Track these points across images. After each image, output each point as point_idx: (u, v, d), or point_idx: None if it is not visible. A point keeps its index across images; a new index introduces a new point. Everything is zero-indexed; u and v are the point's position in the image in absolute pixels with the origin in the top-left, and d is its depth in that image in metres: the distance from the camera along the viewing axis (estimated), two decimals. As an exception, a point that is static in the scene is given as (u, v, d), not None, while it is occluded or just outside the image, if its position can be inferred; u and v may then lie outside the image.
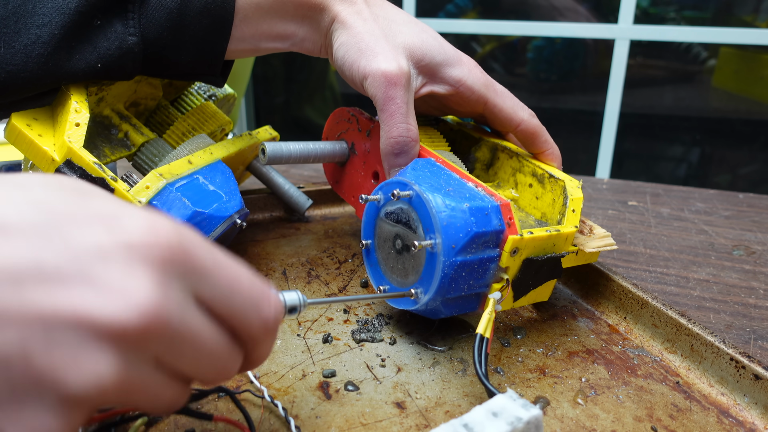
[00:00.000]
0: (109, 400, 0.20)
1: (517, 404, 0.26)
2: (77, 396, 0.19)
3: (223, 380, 0.24)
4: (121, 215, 0.20)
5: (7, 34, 0.35)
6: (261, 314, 0.24)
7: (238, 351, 0.24)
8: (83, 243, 0.19)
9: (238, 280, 0.23)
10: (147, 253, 0.20)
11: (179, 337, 0.21)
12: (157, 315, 0.19)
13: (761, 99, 1.93)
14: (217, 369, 0.23)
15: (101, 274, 0.19)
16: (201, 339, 0.22)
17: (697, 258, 0.55)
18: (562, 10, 1.94)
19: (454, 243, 0.33)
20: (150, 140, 0.46)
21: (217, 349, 0.22)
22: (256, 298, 0.24)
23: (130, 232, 0.20)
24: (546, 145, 0.44)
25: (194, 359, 0.22)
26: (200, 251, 0.22)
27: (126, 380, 0.20)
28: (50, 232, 0.19)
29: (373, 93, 0.40)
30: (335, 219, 0.59)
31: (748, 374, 0.34)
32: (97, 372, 0.19)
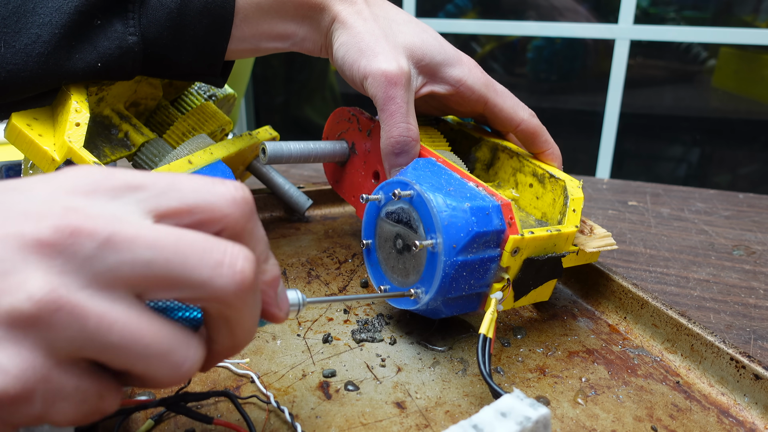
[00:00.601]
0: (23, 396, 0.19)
1: (524, 404, 0.26)
2: (12, 312, 0.18)
3: (175, 375, 0.21)
4: (11, 207, 0.20)
5: (7, 33, 0.35)
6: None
7: (183, 335, 0.21)
8: (18, 192, 0.20)
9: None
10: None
11: (80, 323, 0.19)
12: (49, 301, 0.18)
13: (761, 99, 1.93)
14: (152, 361, 0.20)
15: (22, 204, 0.20)
16: (112, 323, 0.19)
17: (697, 258, 0.55)
18: (562, 10, 1.94)
19: (455, 243, 0.33)
20: (150, 140, 0.46)
21: (145, 335, 0.20)
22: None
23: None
24: (546, 145, 0.44)
25: (110, 349, 0.19)
26: (98, 225, 0.19)
27: (35, 374, 0.19)
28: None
29: (374, 93, 0.40)
30: (335, 219, 0.59)
31: (748, 374, 0.34)
32: (26, 280, 0.18)
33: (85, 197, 0.20)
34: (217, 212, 0.22)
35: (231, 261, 0.21)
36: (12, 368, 0.18)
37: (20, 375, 0.18)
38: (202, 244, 0.21)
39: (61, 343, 0.19)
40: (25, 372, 0.18)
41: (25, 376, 0.18)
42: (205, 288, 0.20)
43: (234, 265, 0.21)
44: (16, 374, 0.18)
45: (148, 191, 0.21)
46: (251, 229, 0.23)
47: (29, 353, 0.19)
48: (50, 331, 0.19)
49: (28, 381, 0.19)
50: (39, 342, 0.19)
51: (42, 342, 0.19)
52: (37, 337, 0.19)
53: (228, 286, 0.21)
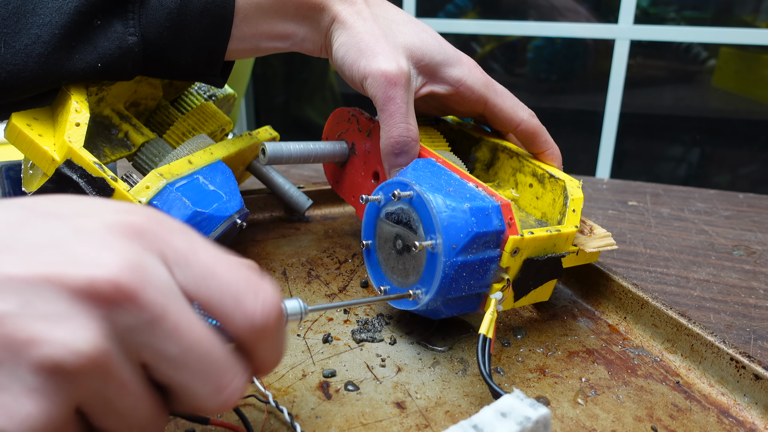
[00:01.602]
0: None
1: (525, 404, 0.26)
2: (53, 361, 0.18)
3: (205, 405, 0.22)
4: (61, 241, 0.20)
5: (7, 34, 0.35)
6: (244, 309, 0.22)
7: (164, 416, 0.22)
8: (61, 222, 0.20)
9: (215, 267, 0.21)
10: (119, 229, 0.20)
11: (104, 385, 0.19)
12: (92, 361, 0.19)
13: (761, 99, 1.93)
14: (133, 430, 0.21)
15: (74, 245, 0.19)
16: (126, 394, 0.20)
17: (697, 258, 0.55)
18: (562, 10, 1.94)
19: (454, 243, 0.33)
20: (150, 140, 0.46)
21: (141, 410, 0.21)
22: (235, 289, 0.22)
23: (105, 215, 0.20)
24: (546, 145, 0.44)
25: (110, 414, 0.20)
26: (153, 299, 0.20)
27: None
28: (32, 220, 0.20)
29: (373, 93, 0.40)
30: (335, 219, 0.59)
31: (748, 374, 0.34)
32: (76, 334, 0.18)
33: (141, 253, 0.20)
34: (231, 327, 0.22)
35: (231, 392, 0.22)
36: (36, 419, 0.18)
37: (40, 427, 0.18)
38: (220, 365, 0.21)
39: (80, 398, 0.19)
40: (46, 424, 0.18)
41: (44, 428, 0.18)
42: (197, 400, 0.22)
43: (230, 397, 0.22)
44: (38, 426, 0.18)
45: (191, 270, 0.21)
46: (258, 349, 0.23)
47: (55, 406, 0.18)
48: (79, 388, 0.19)
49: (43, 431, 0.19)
50: (66, 396, 0.19)
51: (68, 396, 0.19)
52: (66, 391, 0.19)
53: (213, 407, 0.22)
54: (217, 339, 0.22)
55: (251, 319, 0.22)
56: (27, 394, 0.18)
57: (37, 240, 0.19)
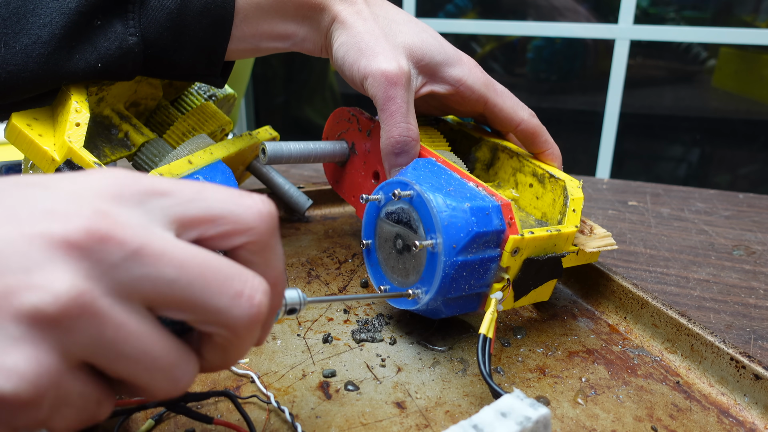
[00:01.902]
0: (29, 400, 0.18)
1: (525, 404, 0.26)
2: (33, 308, 0.18)
3: (172, 389, 0.21)
4: (36, 204, 0.20)
5: (7, 34, 0.35)
6: (247, 204, 0.21)
7: (185, 352, 0.22)
8: (37, 188, 0.20)
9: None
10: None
11: (99, 330, 0.19)
12: (74, 304, 0.18)
13: (761, 99, 1.93)
14: (155, 374, 0.20)
15: (46, 203, 0.19)
16: (128, 334, 0.19)
17: (697, 258, 0.55)
18: (562, 10, 1.94)
19: (455, 243, 0.33)
20: (150, 140, 0.46)
21: (155, 348, 0.20)
22: (230, 195, 0.21)
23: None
24: (546, 145, 0.44)
25: (121, 359, 0.20)
26: (127, 234, 0.19)
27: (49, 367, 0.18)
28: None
29: (374, 93, 0.40)
30: (335, 219, 0.59)
31: (748, 374, 0.34)
32: (53, 278, 0.18)
33: (113, 201, 0.20)
34: (242, 224, 0.22)
35: (250, 293, 0.21)
36: (27, 371, 0.18)
37: (35, 379, 0.18)
38: (225, 271, 0.21)
39: (75, 348, 0.19)
40: (40, 376, 0.18)
41: (39, 380, 0.18)
42: (220, 316, 0.21)
43: (252, 298, 0.21)
44: (31, 378, 0.18)
45: (174, 198, 0.21)
46: (274, 245, 0.23)
47: (46, 356, 0.18)
48: (69, 335, 0.18)
49: (41, 385, 0.18)
50: (56, 344, 0.18)
51: (59, 345, 0.18)
52: (54, 339, 0.18)
53: (242, 317, 0.21)
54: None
55: (258, 211, 0.22)
56: (12, 345, 0.18)
57: (12, 203, 0.19)
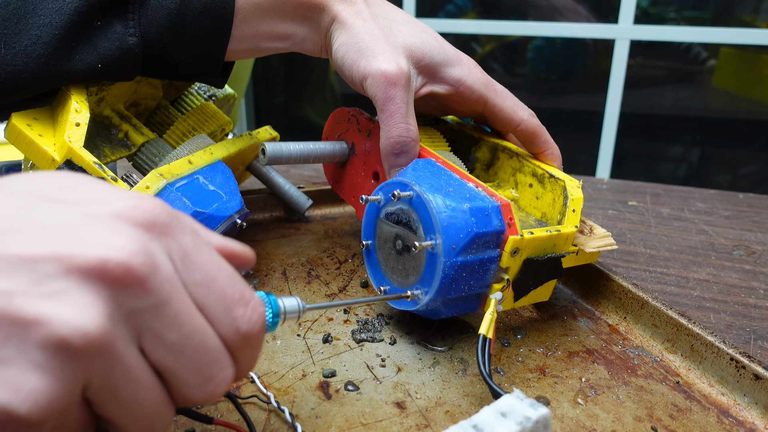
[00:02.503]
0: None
1: (524, 404, 0.26)
2: (60, 338, 0.18)
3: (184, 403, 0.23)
4: (70, 223, 0.20)
5: (7, 35, 0.35)
6: (234, 316, 0.23)
7: (168, 403, 0.23)
8: (70, 207, 0.20)
9: (216, 274, 0.22)
10: (129, 216, 0.21)
11: (109, 369, 0.20)
12: (99, 341, 0.19)
13: (761, 99, 1.93)
14: (137, 422, 0.21)
15: (84, 228, 0.20)
16: (131, 380, 0.21)
17: (697, 258, 0.55)
18: (562, 10, 1.94)
19: (454, 243, 0.33)
20: (150, 140, 0.46)
21: (148, 398, 0.21)
22: (231, 297, 0.23)
23: (114, 202, 0.21)
24: (546, 145, 0.44)
25: (114, 399, 0.21)
26: (157, 284, 0.21)
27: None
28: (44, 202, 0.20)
29: (373, 93, 0.40)
30: (335, 219, 0.59)
31: (748, 374, 0.34)
32: (84, 313, 0.18)
33: (151, 241, 0.21)
34: (220, 329, 0.23)
35: (219, 382, 0.23)
36: (42, 395, 0.18)
37: (46, 404, 0.18)
38: (212, 356, 0.22)
39: (86, 381, 0.19)
40: (52, 402, 0.19)
41: (50, 406, 0.19)
42: (185, 388, 0.22)
43: (219, 386, 0.23)
44: (44, 402, 0.18)
45: (193, 268, 0.22)
46: (240, 354, 0.24)
47: (61, 384, 0.19)
48: (85, 367, 0.19)
49: (51, 410, 0.19)
50: (72, 374, 0.19)
51: (74, 375, 0.19)
52: (72, 370, 0.19)
53: (201, 396, 0.22)
54: (212, 332, 0.22)
55: (237, 328, 0.23)
56: (33, 370, 0.18)
57: (45, 222, 0.20)
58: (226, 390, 0.23)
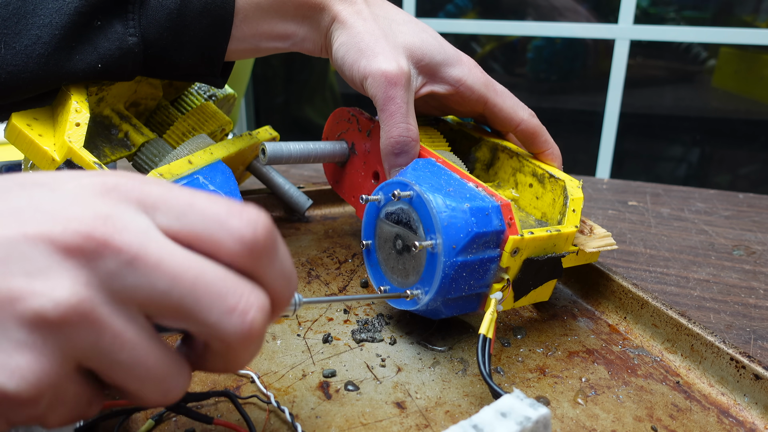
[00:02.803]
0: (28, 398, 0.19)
1: (524, 404, 0.26)
2: (36, 313, 0.18)
3: (162, 399, 0.22)
4: (39, 205, 0.20)
5: (7, 35, 0.35)
6: (231, 230, 0.21)
7: (179, 363, 0.22)
8: (39, 187, 0.20)
9: (193, 200, 0.21)
10: (93, 187, 0.20)
11: (97, 337, 0.19)
12: (76, 310, 0.19)
13: (761, 99, 1.93)
14: (147, 383, 0.21)
15: (50, 204, 0.20)
16: (124, 342, 0.20)
17: (697, 258, 0.55)
18: (562, 10, 1.94)
19: (454, 243, 0.33)
20: (150, 140, 0.46)
21: (149, 359, 0.21)
22: (217, 213, 0.21)
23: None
24: (546, 145, 0.44)
25: (115, 366, 0.20)
26: (125, 241, 0.20)
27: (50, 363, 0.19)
28: None
29: (373, 93, 0.40)
30: (335, 219, 0.59)
31: (748, 374, 0.34)
32: (54, 284, 0.19)
33: (113, 205, 0.21)
34: (223, 251, 0.21)
35: (243, 309, 0.21)
36: (29, 372, 0.18)
37: (36, 380, 0.19)
38: (219, 285, 0.20)
39: (74, 352, 0.19)
40: (41, 377, 0.19)
41: (40, 380, 0.19)
42: (211, 329, 0.21)
43: (245, 314, 0.21)
44: (32, 378, 0.18)
45: (165, 211, 0.21)
46: (261, 270, 0.22)
47: (46, 358, 0.19)
48: (69, 339, 0.19)
49: (41, 386, 0.19)
50: (56, 348, 0.19)
51: (59, 348, 0.19)
52: (55, 343, 0.19)
53: (234, 333, 0.21)
54: (211, 263, 0.21)
55: (240, 237, 0.21)
56: (16, 348, 0.18)
57: (17, 204, 0.20)
58: (259, 317, 0.21)
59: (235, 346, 0.21)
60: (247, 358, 0.23)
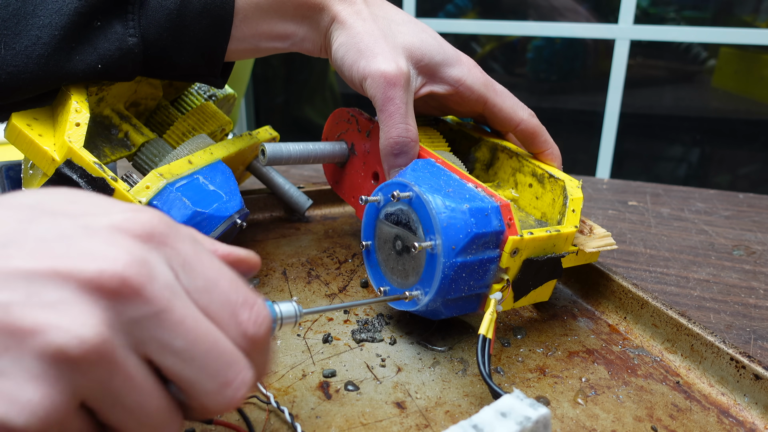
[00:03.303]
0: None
1: (524, 404, 0.26)
2: (57, 348, 0.18)
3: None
4: (71, 237, 0.20)
5: (7, 35, 0.35)
6: (239, 320, 0.23)
7: (174, 410, 0.22)
8: (70, 220, 0.21)
9: (217, 279, 0.22)
10: (127, 229, 0.21)
11: (109, 378, 0.20)
12: (97, 350, 0.19)
13: (761, 99, 1.93)
14: (142, 428, 0.21)
15: (83, 241, 0.20)
16: (132, 387, 0.20)
17: (697, 258, 0.55)
18: (562, 10, 1.94)
19: (454, 244, 0.33)
20: (150, 140, 0.46)
21: (152, 405, 0.21)
22: (234, 301, 0.23)
23: (113, 215, 0.21)
24: (546, 145, 0.44)
25: (117, 408, 0.20)
26: (156, 293, 0.20)
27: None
28: (40, 216, 0.20)
29: (373, 93, 0.40)
30: (335, 219, 0.59)
31: (748, 374, 0.34)
32: (80, 322, 0.19)
33: (149, 251, 0.21)
34: (234, 334, 0.22)
35: (238, 385, 0.22)
36: (39, 407, 0.18)
37: (45, 414, 0.18)
38: (227, 358, 0.22)
39: (84, 390, 0.19)
40: (50, 413, 0.18)
41: (48, 416, 0.18)
42: (203, 396, 0.22)
43: (238, 390, 0.22)
44: (41, 414, 0.18)
45: (196, 278, 0.22)
46: (252, 357, 0.23)
47: (59, 395, 0.19)
48: (83, 377, 0.19)
49: (49, 422, 0.19)
50: (69, 385, 0.19)
51: (72, 385, 0.19)
52: (69, 380, 0.19)
53: (221, 403, 0.22)
54: (222, 336, 0.22)
55: (244, 330, 0.23)
56: (30, 381, 0.18)
57: (45, 235, 0.20)
58: (245, 394, 0.23)
59: (212, 411, 0.22)
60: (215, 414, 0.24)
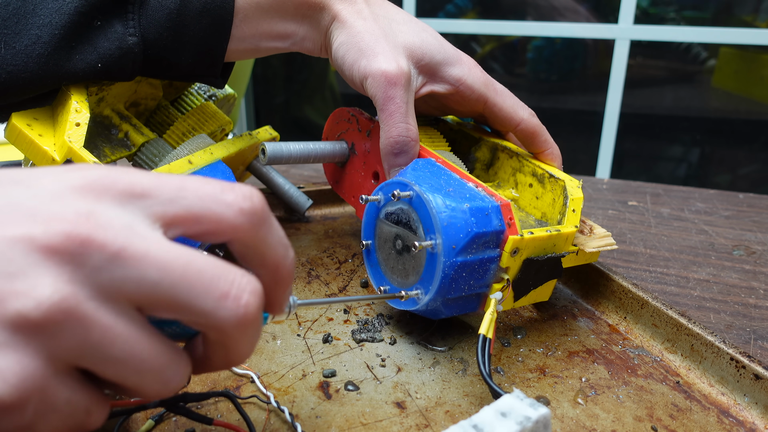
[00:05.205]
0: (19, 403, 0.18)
1: (524, 404, 0.26)
2: (18, 314, 0.18)
3: (162, 390, 0.21)
4: (18, 204, 0.20)
5: (7, 35, 0.35)
6: (227, 201, 0.21)
7: (176, 353, 0.22)
8: (17, 189, 0.20)
9: (184, 183, 0.21)
10: (72, 184, 0.20)
11: (85, 334, 0.19)
12: (58, 309, 0.18)
13: (761, 99, 1.93)
14: (144, 376, 0.20)
15: (29, 204, 0.19)
16: (115, 337, 0.19)
17: (697, 258, 0.55)
18: (562, 10, 1.94)
19: (454, 243, 0.33)
20: (150, 140, 0.46)
21: (143, 351, 0.20)
22: (212, 190, 0.21)
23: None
24: (546, 145, 0.44)
25: (109, 361, 0.20)
26: (108, 237, 0.19)
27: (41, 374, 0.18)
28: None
29: (373, 93, 0.40)
30: (335, 219, 0.59)
31: (749, 374, 0.34)
32: (34, 284, 0.18)
33: (95, 200, 0.20)
34: (224, 224, 0.22)
35: (236, 293, 0.21)
36: (11, 375, 0.18)
37: (19, 383, 0.18)
38: (210, 272, 0.20)
39: (62, 352, 0.19)
40: (24, 380, 0.18)
41: (23, 384, 0.18)
42: (206, 317, 0.21)
43: (239, 299, 0.21)
44: (15, 382, 0.18)
45: (157, 197, 0.21)
46: (262, 238, 0.23)
47: (30, 360, 0.18)
48: (54, 340, 0.19)
49: (26, 389, 0.18)
50: (41, 349, 0.19)
51: (44, 349, 0.19)
52: (40, 344, 0.18)
53: (229, 319, 0.21)
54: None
55: (240, 208, 0.22)
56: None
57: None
58: (255, 303, 0.21)
59: (232, 332, 0.21)
60: (247, 347, 0.23)
